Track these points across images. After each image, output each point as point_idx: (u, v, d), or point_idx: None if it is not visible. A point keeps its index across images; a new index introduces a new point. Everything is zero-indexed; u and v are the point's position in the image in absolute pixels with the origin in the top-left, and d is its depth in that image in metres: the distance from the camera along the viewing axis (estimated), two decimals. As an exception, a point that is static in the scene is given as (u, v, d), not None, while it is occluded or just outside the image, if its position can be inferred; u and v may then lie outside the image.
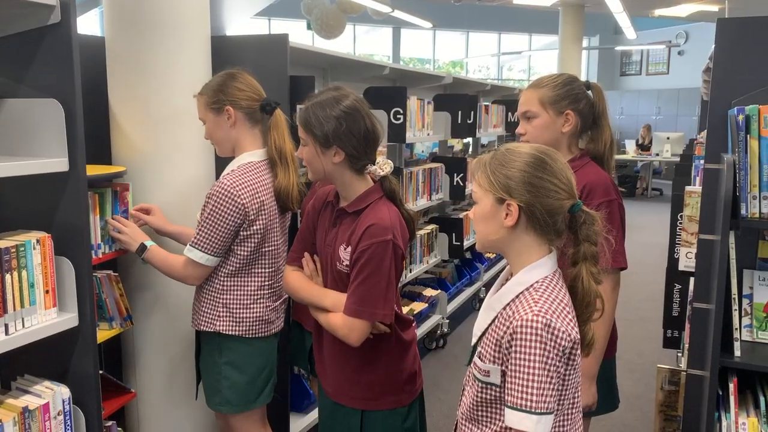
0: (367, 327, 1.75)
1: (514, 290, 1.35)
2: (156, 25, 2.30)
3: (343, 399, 1.88)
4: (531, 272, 1.35)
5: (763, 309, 1.88)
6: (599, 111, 2.04)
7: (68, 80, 1.62)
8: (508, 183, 1.34)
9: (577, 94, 2.00)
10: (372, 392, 1.85)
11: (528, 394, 1.26)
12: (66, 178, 1.65)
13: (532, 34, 16.46)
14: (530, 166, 1.34)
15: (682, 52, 15.62)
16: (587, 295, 1.36)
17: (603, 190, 1.92)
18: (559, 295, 1.33)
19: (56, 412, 1.63)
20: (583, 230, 1.36)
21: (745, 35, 1.99)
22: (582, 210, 1.36)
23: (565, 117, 1.98)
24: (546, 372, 1.25)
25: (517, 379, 1.27)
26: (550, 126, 1.99)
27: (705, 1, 10.23)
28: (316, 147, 1.77)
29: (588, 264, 1.36)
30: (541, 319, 1.26)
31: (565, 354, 1.28)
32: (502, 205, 1.35)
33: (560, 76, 2.03)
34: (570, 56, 11.53)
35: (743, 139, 1.69)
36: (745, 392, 1.81)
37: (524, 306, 1.30)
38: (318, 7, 8.26)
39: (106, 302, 2.23)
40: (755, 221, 1.70)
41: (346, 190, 1.82)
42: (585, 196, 1.87)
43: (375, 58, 12.71)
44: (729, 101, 1.92)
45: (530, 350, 1.25)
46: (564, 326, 1.27)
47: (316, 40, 9.46)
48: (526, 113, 2.02)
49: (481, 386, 1.38)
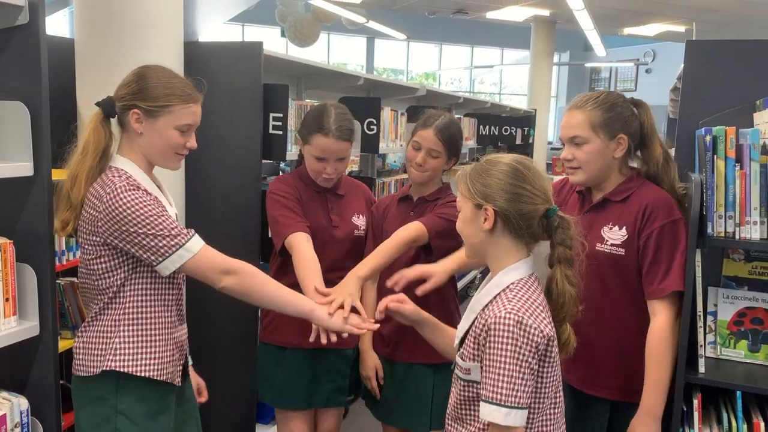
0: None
1: (492, 292, 1.44)
2: (127, 28, 2.26)
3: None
4: (507, 275, 1.44)
5: (727, 326, 1.91)
6: (648, 130, 1.87)
7: (35, 83, 1.58)
8: (485, 191, 1.44)
9: (628, 116, 1.84)
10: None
11: (498, 388, 1.32)
12: (30, 183, 1.61)
13: (504, 49, 16.66)
14: (505, 174, 1.44)
15: (649, 70, 15.97)
16: (561, 296, 1.45)
17: (666, 210, 1.79)
18: (532, 295, 1.41)
19: (13, 424, 1.58)
20: (558, 234, 1.45)
21: (712, 58, 2.04)
22: (557, 215, 1.44)
23: (617, 141, 1.82)
24: (518, 367, 1.32)
25: (490, 373, 1.34)
26: (603, 151, 1.82)
27: (672, 21, 10.48)
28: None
29: (563, 266, 1.46)
30: (513, 316, 1.33)
31: (539, 350, 1.35)
32: (480, 210, 1.45)
33: (608, 96, 1.86)
34: (541, 71, 11.69)
35: (710, 159, 1.72)
36: (709, 408, 1.84)
37: (498, 305, 1.38)
38: (292, 14, 8.25)
39: (69, 310, 2.17)
40: (721, 240, 1.73)
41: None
42: (647, 217, 1.77)
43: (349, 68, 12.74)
44: (697, 122, 1.96)
45: (502, 345, 1.33)
46: (536, 323, 1.34)
47: (289, 48, 9.44)
48: (574, 138, 1.83)
49: (464, 384, 1.45)
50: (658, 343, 1.73)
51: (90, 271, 1.63)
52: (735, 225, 1.72)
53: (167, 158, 1.70)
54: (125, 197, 1.55)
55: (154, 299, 1.66)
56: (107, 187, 1.57)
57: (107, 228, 1.56)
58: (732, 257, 1.97)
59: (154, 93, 1.63)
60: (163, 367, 1.66)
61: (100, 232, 1.57)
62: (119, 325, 1.62)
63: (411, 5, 10.00)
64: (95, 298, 1.64)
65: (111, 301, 1.62)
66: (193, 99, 1.68)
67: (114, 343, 1.61)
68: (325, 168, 2.12)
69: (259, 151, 2.51)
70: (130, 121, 1.64)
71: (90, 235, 1.60)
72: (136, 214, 1.54)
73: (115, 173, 1.61)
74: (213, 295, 1.71)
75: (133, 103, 1.63)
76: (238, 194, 2.53)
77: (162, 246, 1.56)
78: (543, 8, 9.95)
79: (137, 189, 1.58)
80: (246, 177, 2.53)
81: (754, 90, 1.91)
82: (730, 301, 1.92)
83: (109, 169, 1.64)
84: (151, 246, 1.56)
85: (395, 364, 2.21)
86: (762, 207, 1.70)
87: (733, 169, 1.71)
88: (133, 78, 1.66)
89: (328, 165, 2.12)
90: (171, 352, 1.69)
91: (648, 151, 1.88)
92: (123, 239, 1.56)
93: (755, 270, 1.95)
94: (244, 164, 2.53)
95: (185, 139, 1.69)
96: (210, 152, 2.54)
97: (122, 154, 1.67)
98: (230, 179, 2.55)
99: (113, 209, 1.54)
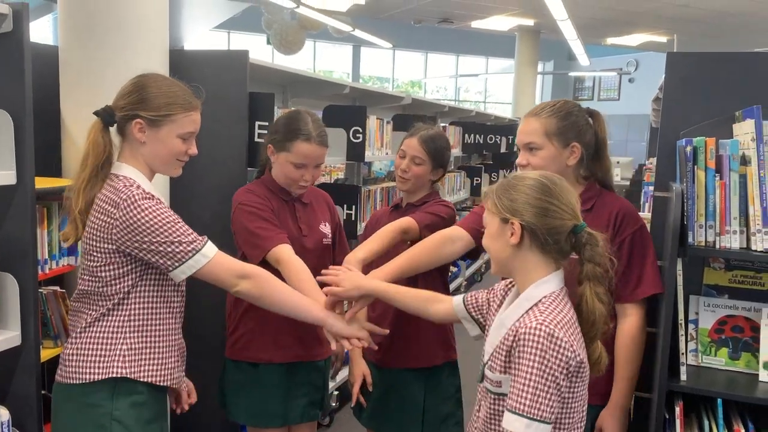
0: None
1: (524, 306, 1.42)
2: (112, 35, 2.26)
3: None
4: (539, 288, 1.43)
5: (708, 334, 1.94)
6: (601, 140, 1.91)
7: (18, 91, 1.58)
8: (512, 205, 1.44)
9: (582, 125, 1.87)
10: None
11: (522, 398, 1.31)
12: (13, 191, 1.61)
13: (489, 57, 16.77)
14: (532, 189, 1.44)
15: (632, 79, 16.14)
16: (591, 313, 1.43)
17: (634, 217, 1.86)
18: (564, 309, 1.41)
19: (-6, 435, 1.56)
20: (587, 251, 1.43)
21: (693, 69, 2.07)
22: (585, 231, 1.43)
23: (571, 149, 1.85)
24: (543, 380, 1.30)
25: (516, 383, 1.32)
26: (556, 158, 1.84)
27: (654, 31, 10.62)
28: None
29: (592, 284, 1.44)
30: (545, 328, 1.32)
31: (569, 367, 1.33)
32: (507, 225, 1.44)
33: (565, 104, 1.89)
34: (525, 80, 11.79)
35: (691, 169, 1.75)
36: (691, 416, 1.86)
37: (531, 317, 1.37)
38: (278, 22, 8.25)
39: (52, 319, 2.15)
40: (701, 249, 1.76)
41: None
42: (618, 225, 1.83)
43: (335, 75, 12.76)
44: (678, 132, 1.98)
45: (530, 356, 1.32)
46: (567, 338, 1.33)
47: (275, 55, 9.43)
48: (529, 144, 1.86)
49: (494, 398, 1.43)
50: (630, 342, 1.80)
51: (96, 278, 1.60)
52: (715, 234, 1.74)
53: (169, 165, 1.71)
54: (143, 205, 1.55)
55: (161, 305, 1.66)
56: (122, 193, 1.56)
57: (123, 236, 1.55)
58: (713, 266, 2.00)
59: (155, 102, 1.63)
60: (169, 373, 1.68)
61: (113, 240, 1.56)
62: (124, 330, 1.61)
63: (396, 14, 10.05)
64: (96, 303, 1.62)
65: (115, 307, 1.61)
66: (193, 107, 1.70)
67: (119, 350, 1.60)
68: (303, 175, 2.09)
69: (245, 160, 2.51)
70: (133, 131, 1.64)
71: (100, 243, 1.58)
72: (154, 222, 1.55)
73: (124, 181, 1.61)
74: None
75: (136, 113, 1.63)
76: (223, 202, 2.51)
77: (179, 251, 1.57)
78: (527, 18, 10.04)
79: (152, 198, 1.59)
80: (231, 185, 2.51)
81: (734, 101, 1.94)
82: (711, 309, 1.94)
83: (116, 177, 1.63)
84: (168, 252, 1.56)
85: (385, 371, 2.21)
86: (741, 217, 1.73)
87: (713, 180, 1.74)
88: (133, 87, 1.66)
89: (307, 172, 2.09)
90: (176, 358, 1.71)
91: (600, 160, 1.93)
92: (139, 247, 1.56)
93: (735, 278, 1.98)
94: (230, 172, 2.53)
95: (187, 146, 1.71)
96: (195, 160, 2.50)
97: (125, 162, 1.67)
98: (215, 187, 2.54)
99: (132, 217, 1.54)
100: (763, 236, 1.70)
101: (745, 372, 1.89)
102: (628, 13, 9.10)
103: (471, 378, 1.81)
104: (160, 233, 1.55)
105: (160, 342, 1.66)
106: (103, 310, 1.61)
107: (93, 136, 1.63)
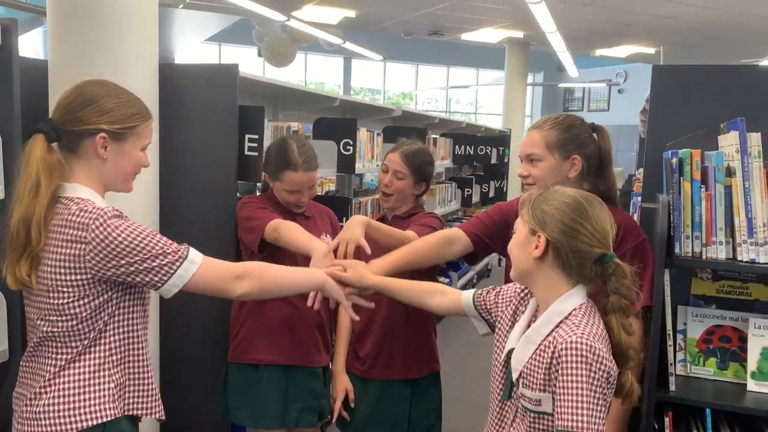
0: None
1: (554, 320, 1.40)
2: (101, 49, 2.26)
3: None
4: (566, 301, 1.40)
5: (696, 344, 1.95)
6: (605, 155, 1.93)
7: (7, 107, 1.58)
8: (543, 218, 1.42)
9: (584, 138, 1.89)
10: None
11: (579, 416, 1.26)
12: (2, 206, 1.60)
13: (479, 69, 16.86)
14: (566, 206, 1.41)
15: (621, 90, 16.25)
16: (618, 345, 1.38)
17: (635, 231, 1.86)
18: (596, 321, 1.39)
19: (-19, 452, 1.53)
20: (612, 282, 1.40)
21: (678, 82, 2.09)
22: (613, 262, 1.40)
23: (571, 162, 1.87)
24: (593, 394, 1.28)
25: (566, 402, 1.28)
26: (556, 170, 1.87)
27: (643, 43, 10.71)
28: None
29: (617, 316, 1.40)
30: (586, 341, 1.30)
31: (610, 378, 1.31)
32: (533, 237, 1.42)
33: (567, 118, 1.92)
34: (515, 91, 11.84)
35: (677, 181, 1.77)
36: (680, 426, 1.87)
37: (566, 331, 1.34)
38: (269, 35, 8.28)
39: (40, 334, 2.13)
40: (688, 260, 1.77)
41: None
42: (620, 238, 1.79)
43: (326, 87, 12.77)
44: (664, 143, 2.00)
45: (578, 371, 1.28)
46: (605, 352, 1.31)
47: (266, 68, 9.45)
48: (530, 156, 1.89)
49: (534, 417, 1.39)
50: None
51: (67, 316, 1.43)
52: (702, 245, 1.76)
53: (128, 181, 1.58)
54: (114, 224, 1.41)
55: (139, 331, 1.54)
56: (90, 214, 1.41)
57: (99, 260, 1.41)
58: (700, 276, 2.02)
59: (119, 114, 1.49)
60: (158, 402, 1.58)
61: (88, 268, 1.41)
62: (107, 367, 1.47)
63: (387, 26, 10.09)
64: (66, 345, 1.46)
65: (92, 343, 1.46)
66: (150, 114, 1.58)
67: (107, 389, 1.46)
68: (298, 198, 2.27)
69: (235, 173, 2.51)
70: (94, 147, 1.47)
71: (70, 275, 1.42)
72: (131, 238, 1.41)
73: (83, 203, 1.44)
74: (185, 315, 1.70)
75: (98, 127, 1.47)
76: (214, 215, 2.52)
77: (165, 264, 1.44)
78: (516, 30, 10.11)
79: (121, 215, 1.46)
80: (221, 198, 2.53)
81: (719, 113, 1.96)
82: (698, 319, 1.95)
83: (70, 200, 1.45)
84: (153, 267, 1.43)
85: (371, 382, 2.21)
86: (727, 227, 1.75)
87: (699, 191, 1.76)
88: (84, 98, 1.48)
89: (302, 195, 2.27)
90: (155, 385, 1.59)
91: (603, 175, 1.93)
92: (119, 271, 1.42)
93: (722, 289, 2.00)
94: (220, 185, 2.53)
95: (145, 157, 1.58)
96: (185, 173, 2.53)
97: (78, 182, 1.49)
98: (205, 200, 2.54)
99: (106, 238, 1.40)
100: (749, 247, 1.72)
101: (733, 382, 1.90)
102: (616, 24, 9.18)
103: (451, 389, 1.80)
104: (140, 249, 1.42)
105: (142, 371, 1.54)
106: (77, 350, 1.45)
107: (39, 156, 1.42)
